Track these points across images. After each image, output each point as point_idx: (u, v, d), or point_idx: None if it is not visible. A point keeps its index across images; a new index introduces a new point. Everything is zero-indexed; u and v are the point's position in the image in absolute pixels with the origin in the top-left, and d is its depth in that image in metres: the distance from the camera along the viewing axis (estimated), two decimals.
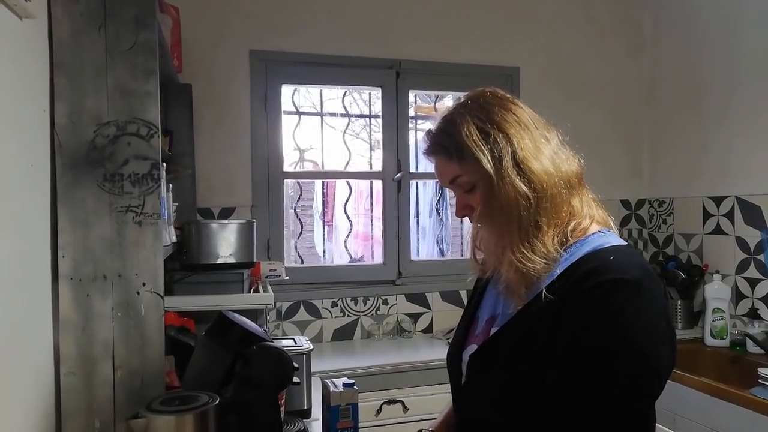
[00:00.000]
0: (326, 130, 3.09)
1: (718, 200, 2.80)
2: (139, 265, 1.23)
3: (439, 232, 3.58)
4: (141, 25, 1.25)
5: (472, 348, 1.08)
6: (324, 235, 4.42)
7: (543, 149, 1.00)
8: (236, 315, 1.51)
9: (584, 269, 0.93)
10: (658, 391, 0.93)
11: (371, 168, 3.10)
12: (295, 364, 1.42)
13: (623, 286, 0.90)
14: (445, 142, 1.03)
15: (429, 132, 1.08)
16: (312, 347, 1.83)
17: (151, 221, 1.24)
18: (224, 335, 1.44)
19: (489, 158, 0.98)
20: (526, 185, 0.96)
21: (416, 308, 2.86)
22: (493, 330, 1.05)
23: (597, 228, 1.02)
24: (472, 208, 1.05)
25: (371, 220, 3.57)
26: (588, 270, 0.93)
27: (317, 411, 1.77)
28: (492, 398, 1.01)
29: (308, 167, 3.87)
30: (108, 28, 1.23)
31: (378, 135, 2.92)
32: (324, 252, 4.82)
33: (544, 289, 0.95)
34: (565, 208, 0.99)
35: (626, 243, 1.01)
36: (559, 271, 0.96)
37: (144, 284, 1.24)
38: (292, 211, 3.55)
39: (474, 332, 1.12)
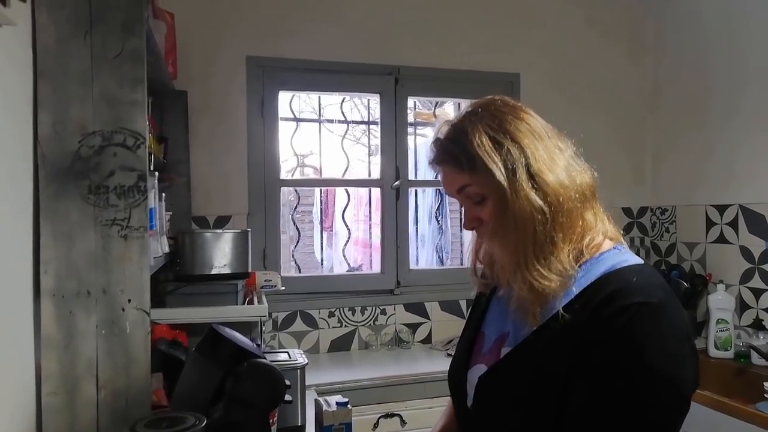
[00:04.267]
0: (326, 136, 3.06)
1: (721, 208, 2.75)
2: (125, 280, 1.19)
3: (438, 240, 3.53)
4: (128, 32, 1.21)
5: (479, 368, 1.03)
6: (322, 241, 4.38)
7: (557, 160, 0.95)
8: (227, 330, 1.47)
9: (606, 291, 0.89)
10: (685, 414, 0.89)
11: (370, 173, 3.06)
12: (287, 382, 1.38)
13: (649, 310, 0.86)
14: (456, 152, 0.97)
15: (437, 141, 1.02)
16: (306, 362, 1.78)
17: (137, 235, 1.20)
18: (215, 351, 1.39)
19: (502, 170, 0.93)
20: (541, 199, 0.91)
21: (415, 318, 2.81)
22: (505, 350, 0.99)
23: (610, 244, 0.97)
24: (482, 221, 0.99)
25: (370, 227, 3.53)
26: (611, 292, 0.88)
27: (312, 428, 1.72)
28: (506, 422, 0.96)
29: (308, 172, 3.84)
30: (94, 35, 1.19)
31: (377, 140, 2.88)
32: (323, 259, 4.78)
33: (561, 310, 0.90)
34: (580, 223, 0.95)
35: (643, 261, 0.96)
36: (576, 290, 0.91)
37: (129, 300, 1.19)
38: (290, 217, 3.51)
39: (480, 350, 1.06)
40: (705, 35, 2.85)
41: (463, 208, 1.04)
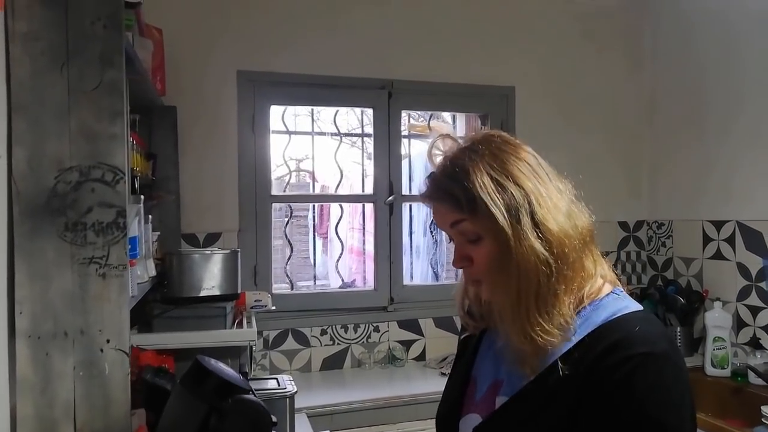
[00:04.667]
0: (320, 144, 3.02)
1: (718, 224, 2.73)
2: (103, 320, 1.15)
3: (433, 253, 3.49)
4: (107, 64, 1.17)
5: (472, 418, 0.99)
6: (314, 249, 4.34)
7: (560, 205, 0.91)
8: (212, 361, 1.43)
9: (609, 341, 0.86)
10: None
11: (363, 183, 3.02)
12: (274, 418, 1.35)
13: (653, 361, 0.84)
14: (455, 192, 0.91)
15: (433, 176, 0.96)
16: (296, 389, 1.75)
17: (116, 273, 1.16)
18: (199, 384, 1.36)
19: (505, 215, 0.87)
20: (546, 249, 0.86)
21: (409, 335, 2.77)
22: (500, 399, 0.95)
23: (609, 288, 0.94)
24: (472, 261, 0.94)
25: (364, 235, 3.49)
26: (614, 342, 0.85)
27: None
28: None
29: (303, 176, 3.81)
30: (71, 68, 1.15)
31: (372, 149, 2.84)
32: (317, 267, 4.73)
33: (559, 361, 0.87)
34: (583, 272, 0.91)
35: (642, 307, 0.93)
36: (575, 339, 0.88)
37: (108, 341, 1.16)
38: (283, 228, 3.47)
39: (472, 398, 1.02)
40: (702, 49, 2.82)
41: (453, 244, 0.98)
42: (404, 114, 2.90)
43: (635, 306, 0.92)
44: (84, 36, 1.16)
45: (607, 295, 0.92)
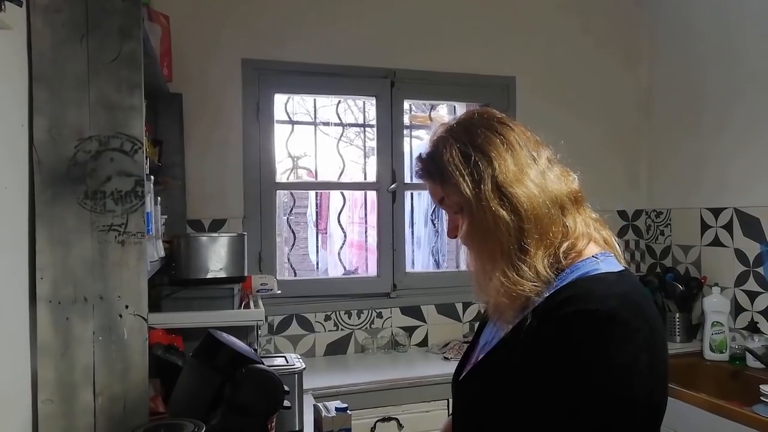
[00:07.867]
0: (320, 138, 3.05)
1: (716, 212, 2.77)
2: (122, 286, 1.18)
3: (434, 242, 3.53)
4: (125, 36, 1.20)
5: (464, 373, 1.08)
6: (317, 243, 4.37)
7: (527, 171, 0.96)
8: (224, 335, 1.46)
9: (559, 298, 0.89)
10: (641, 428, 0.88)
11: (365, 175, 3.05)
12: (286, 388, 1.37)
13: (591, 319, 0.85)
14: (430, 168, 1.02)
15: (419, 156, 1.06)
16: (304, 366, 1.77)
17: (134, 240, 1.19)
18: (212, 356, 1.39)
19: (469, 182, 0.95)
20: (505, 209, 0.93)
21: (411, 321, 2.80)
22: (480, 356, 1.03)
23: (596, 250, 0.97)
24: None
25: (365, 230, 3.52)
26: (562, 299, 0.89)
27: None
28: (473, 424, 1.00)
29: (302, 174, 3.83)
30: (91, 39, 1.18)
31: (372, 142, 2.87)
32: (318, 261, 4.77)
33: (529, 315, 0.91)
34: (555, 229, 0.94)
35: (620, 269, 0.95)
36: (545, 295, 0.92)
37: (127, 307, 1.18)
38: (285, 218, 3.50)
39: (471, 358, 1.11)
40: (699, 43, 2.86)
41: (447, 217, 1.08)
42: (406, 105, 2.93)
43: (609, 268, 0.93)
44: (103, 8, 1.19)
45: (586, 259, 0.95)
